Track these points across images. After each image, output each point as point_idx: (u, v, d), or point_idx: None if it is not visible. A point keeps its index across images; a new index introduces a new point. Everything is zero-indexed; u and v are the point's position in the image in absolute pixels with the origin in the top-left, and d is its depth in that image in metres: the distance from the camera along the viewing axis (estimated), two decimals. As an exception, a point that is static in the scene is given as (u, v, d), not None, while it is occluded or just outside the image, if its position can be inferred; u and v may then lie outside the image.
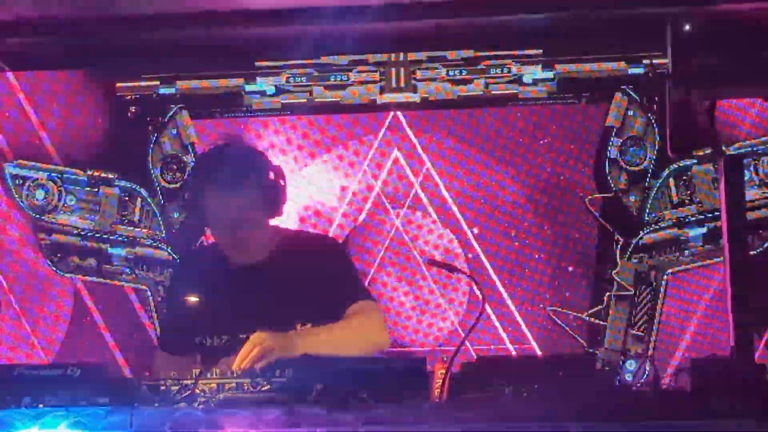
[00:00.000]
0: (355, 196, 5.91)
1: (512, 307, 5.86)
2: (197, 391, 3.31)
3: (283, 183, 4.10)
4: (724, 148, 3.54)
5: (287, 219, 5.66)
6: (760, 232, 5.79)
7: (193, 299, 4.02)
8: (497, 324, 5.83)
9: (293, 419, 3.10)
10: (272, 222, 4.15)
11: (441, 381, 3.20)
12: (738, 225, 3.15)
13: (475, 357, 3.43)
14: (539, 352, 5.79)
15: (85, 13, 5.53)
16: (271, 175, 4.06)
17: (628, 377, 4.64)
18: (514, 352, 5.76)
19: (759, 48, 3.37)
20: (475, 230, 5.89)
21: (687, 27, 3.25)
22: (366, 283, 5.41)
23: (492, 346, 5.81)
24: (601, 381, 3.22)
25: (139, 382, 3.36)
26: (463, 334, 5.66)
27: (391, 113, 5.91)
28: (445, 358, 3.25)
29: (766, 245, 5.78)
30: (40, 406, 3.23)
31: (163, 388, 3.33)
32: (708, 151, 5.48)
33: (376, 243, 5.90)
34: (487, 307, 5.66)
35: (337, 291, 4.04)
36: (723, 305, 5.68)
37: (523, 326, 5.86)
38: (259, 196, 4.02)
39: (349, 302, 4.03)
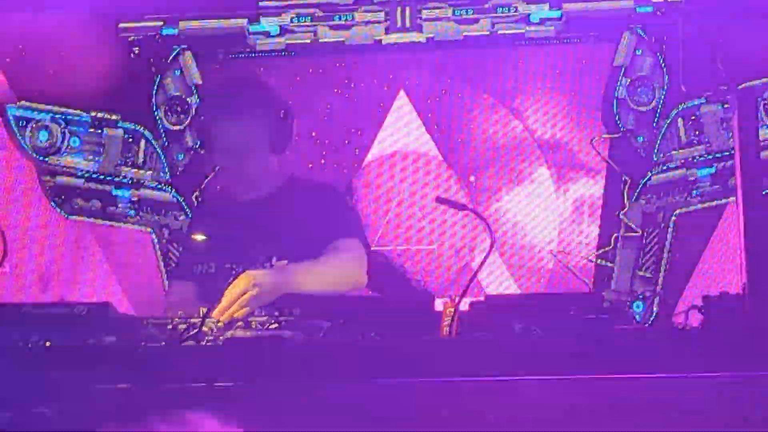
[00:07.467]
0: (359, 137, 5.88)
1: (516, 250, 5.84)
2: (205, 329, 3.29)
3: (290, 122, 4.15)
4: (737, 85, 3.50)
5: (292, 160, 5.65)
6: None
7: (199, 234, 4.08)
8: (503, 266, 5.82)
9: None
10: (277, 163, 4.16)
11: (449, 319, 3.17)
12: (751, 160, 3.11)
13: (484, 296, 3.38)
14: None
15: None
16: (281, 113, 4.11)
17: (636, 318, 4.63)
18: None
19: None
20: (478, 173, 5.86)
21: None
22: (368, 230, 5.36)
23: (498, 288, 5.81)
24: (613, 318, 3.19)
25: (146, 321, 3.34)
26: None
27: (397, 54, 5.85)
28: (453, 297, 3.22)
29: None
30: (47, 344, 3.21)
31: (170, 327, 3.31)
32: (721, 87, 5.42)
33: (380, 185, 5.87)
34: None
35: (328, 232, 4.02)
36: (730, 246, 5.71)
37: (527, 269, 5.85)
38: (265, 127, 4.07)
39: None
